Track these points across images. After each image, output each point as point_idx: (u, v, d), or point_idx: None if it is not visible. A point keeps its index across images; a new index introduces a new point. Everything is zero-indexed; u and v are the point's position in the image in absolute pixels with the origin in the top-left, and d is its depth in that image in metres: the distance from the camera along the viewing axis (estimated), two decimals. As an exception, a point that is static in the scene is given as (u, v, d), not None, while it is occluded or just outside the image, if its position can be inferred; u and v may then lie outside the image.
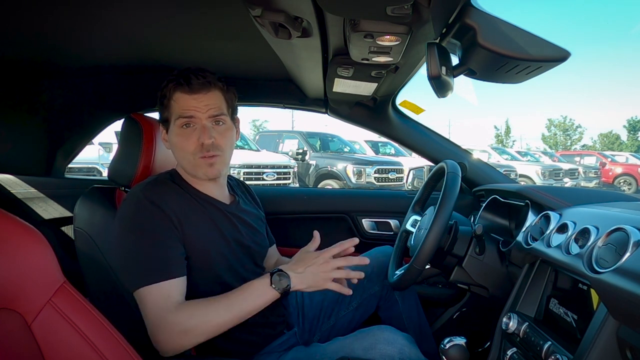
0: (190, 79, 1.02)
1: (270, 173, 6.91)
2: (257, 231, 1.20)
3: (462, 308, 1.63)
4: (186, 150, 1.04)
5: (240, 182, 1.31)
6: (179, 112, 1.03)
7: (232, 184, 1.25)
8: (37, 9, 0.98)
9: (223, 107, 1.07)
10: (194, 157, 1.04)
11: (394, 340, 1.00)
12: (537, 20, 74.79)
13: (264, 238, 1.24)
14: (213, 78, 1.05)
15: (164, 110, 1.07)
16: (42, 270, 0.66)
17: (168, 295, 0.93)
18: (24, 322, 0.63)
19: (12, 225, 0.66)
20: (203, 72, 1.03)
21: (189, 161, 1.05)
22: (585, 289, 0.84)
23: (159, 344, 0.91)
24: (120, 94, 1.69)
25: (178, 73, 1.04)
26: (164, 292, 0.93)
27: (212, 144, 1.03)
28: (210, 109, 1.04)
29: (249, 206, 1.24)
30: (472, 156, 1.74)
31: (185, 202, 1.05)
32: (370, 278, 1.33)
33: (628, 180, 13.58)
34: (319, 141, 8.78)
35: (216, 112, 1.04)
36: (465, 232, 1.20)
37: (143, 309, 0.94)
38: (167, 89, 1.04)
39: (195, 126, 1.03)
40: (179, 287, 0.96)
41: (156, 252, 0.96)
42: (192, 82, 1.02)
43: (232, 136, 1.10)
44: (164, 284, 0.94)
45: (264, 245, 1.23)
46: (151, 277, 0.93)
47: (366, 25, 0.82)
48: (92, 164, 5.70)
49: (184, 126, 1.03)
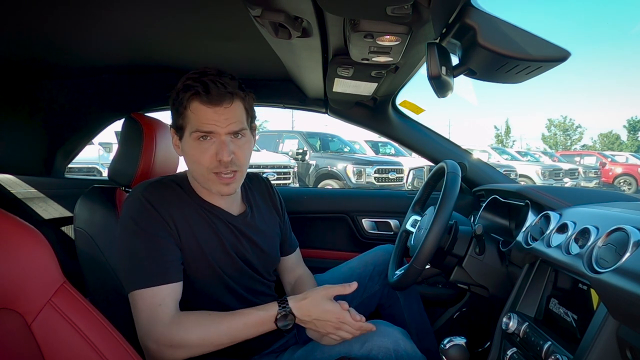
0: (209, 88, 0.92)
1: (270, 173, 6.91)
2: (263, 247, 1.12)
3: (462, 308, 1.63)
4: (201, 164, 0.96)
5: (263, 182, 1.23)
6: (197, 125, 0.94)
7: (252, 186, 1.18)
8: (37, 9, 0.98)
9: (244, 119, 0.98)
10: (208, 172, 0.97)
11: (389, 333, 1.00)
12: (537, 20, 74.83)
13: (274, 250, 1.17)
14: (234, 86, 0.95)
15: (179, 117, 0.97)
16: (42, 270, 0.66)
17: (161, 302, 0.91)
18: (24, 322, 0.63)
19: (12, 225, 0.66)
20: (223, 80, 0.93)
21: (203, 175, 0.98)
22: (585, 289, 0.84)
23: (148, 351, 0.89)
24: (120, 94, 1.69)
25: (195, 77, 0.94)
26: (157, 299, 0.91)
27: (231, 161, 0.95)
28: (231, 124, 0.95)
29: (262, 216, 1.16)
30: (472, 156, 1.74)
31: (186, 210, 1.01)
32: (372, 277, 1.33)
33: (628, 180, 13.57)
34: (319, 141, 8.77)
35: (237, 128, 0.96)
36: (465, 232, 1.20)
37: (135, 313, 0.92)
38: (184, 96, 0.94)
39: (213, 140, 0.95)
40: (173, 294, 0.93)
41: (152, 255, 0.94)
42: (212, 91, 0.92)
43: (250, 148, 1.02)
44: (158, 289, 0.91)
45: (271, 260, 1.17)
46: (145, 281, 0.91)
47: (366, 25, 0.82)
48: (92, 164, 5.70)
49: (200, 139, 0.95)
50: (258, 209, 1.16)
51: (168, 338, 0.88)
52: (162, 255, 0.95)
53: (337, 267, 1.39)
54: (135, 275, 0.93)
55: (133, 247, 0.95)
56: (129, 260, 0.95)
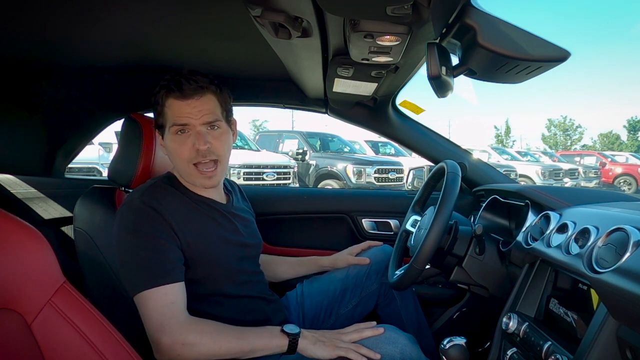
0: (181, 84, 0.99)
1: (270, 173, 6.91)
2: (253, 228, 1.22)
3: (462, 308, 1.63)
4: (182, 157, 1.02)
5: (230, 181, 1.31)
6: (173, 120, 1.01)
7: (224, 182, 1.26)
8: (37, 9, 0.98)
9: (217, 111, 1.04)
10: (188, 164, 1.02)
11: (396, 340, 1.00)
12: (537, 20, 74.82)
13: (259, 236, 1.25)
14: (205, 82, 1.02)
15: (158, 116, 1.05)
16: (42, 270, 0.66)
17: (173, 300, 0.93)
18: (24, 322, 0.63)
19: (12, 225, 0.66)
20: (194, 76, 1.01)
21: (185, 169, 1.04)
22: (585, 289, 0.84)
23: (160, 346, 0.90)
24: (120, 94, 1.69)
25: (169, 78, 1.01)
26: (169, 297, 0.92)
27: (207, 150, 1.01)
28: (204, 115, 1.01)
29: (242, 204, 1.25)
30: (472, 156, 1.74)
31: (184, 207, 1.04)
32: (369, 276, 1.33)
33: (628, 180, 13.58)
34: (319, 141, 8.77)
35: (210, 119, 1.02)
36: (465, 232, 1.20)
37: (145, 313, 0.92)
38: (160, 95, 1.02)
39: (190, 132, 1.01)
40: (181, 293, 0.95)
41: (156, 255, 0.95)
42: (184, 87, 0.99)
43: (228, 140, 1.08)
44: (167, 287, 0.93)
45: (259, 243, 1.24)
46: (153, 281, 0.93)
47: (366, 25, 0.82)
48: (92, 164, 5.70)
49: (178, 132, 1.01)
50: (236, 199, 1.23)
51: (184, 335, 0.90)
52: (165, 255, 0.96)
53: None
54: (141, 277, 0.94)
55: (136, 250, 0.96)
56: (132, 263, 0.96)
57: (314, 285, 1.34)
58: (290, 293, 1.35)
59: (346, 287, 1.31)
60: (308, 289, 1.34)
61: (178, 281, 0.96)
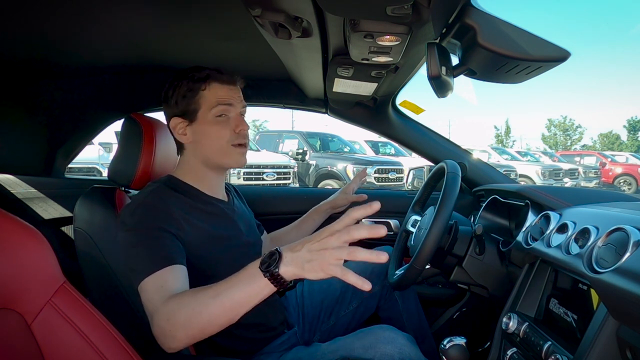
0: (222, 71, 1.08)
1: (270, 173, 6.91)
2: (253, 227, 1.25)
3: (462, 308, 1.63)
4: (223, 138, 1.08)
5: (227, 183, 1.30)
6: (217, 100, 1.06)
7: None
8: (37, 9, 0.98)
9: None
10: (228, 144, 1.08)
11: (394, 340, 1.00)
12: (537, 20, 74.83)
13: (258, 234, 1.28)
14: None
15: (190, 103, 1.07)
16: (42, 270, 0.66)
17: (162, 285, 0.86)
18: (24, 322, 0.63)
19: (12, 225, 0.66)
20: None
21: (222, 149, 1.09)
22: (585, 289, 0.84)
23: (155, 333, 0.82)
24: (120, 94, 1.69)
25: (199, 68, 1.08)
26: (158, 282, 0.86)
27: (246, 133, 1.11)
28: (242, 101, 1.12)
29: (240, 203, 1.28)
30: (472, 156, 1.74)
31: (187, 207, 1.03)
32: (370, 278, 1.31)
33: (628, 180, 13.58)
34: (319, 141, 8.78)
35: (245, 107, 1.13)
36: (465, 232, 1.20)
37: (143, 304, 0.88)
38: (200, 79, 1.06)
39: (229, 115, 1.08)
40: (174, 276, 0.88)
41: (155, 244, 0.92)
42: (225, 73, 1.08)
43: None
44: (158, 273, 0.87)
45: (259, 241, 1.25)
46: (149, 268, 0.89)
47: (366, 25, 0.82)
48: (92, 164, 5.70)
49: (221, 115, 1.07)
50: (236, 199, 1.26)
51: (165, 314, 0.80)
52: (158, 242, 0.93)
53: None
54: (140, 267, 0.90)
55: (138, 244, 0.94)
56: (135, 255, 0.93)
57: (314, 286, 1.34)
58: (290, 293, 1.36)
59: (346, 288, 1.31)
60: (308, 289, 1.34)
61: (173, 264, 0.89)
